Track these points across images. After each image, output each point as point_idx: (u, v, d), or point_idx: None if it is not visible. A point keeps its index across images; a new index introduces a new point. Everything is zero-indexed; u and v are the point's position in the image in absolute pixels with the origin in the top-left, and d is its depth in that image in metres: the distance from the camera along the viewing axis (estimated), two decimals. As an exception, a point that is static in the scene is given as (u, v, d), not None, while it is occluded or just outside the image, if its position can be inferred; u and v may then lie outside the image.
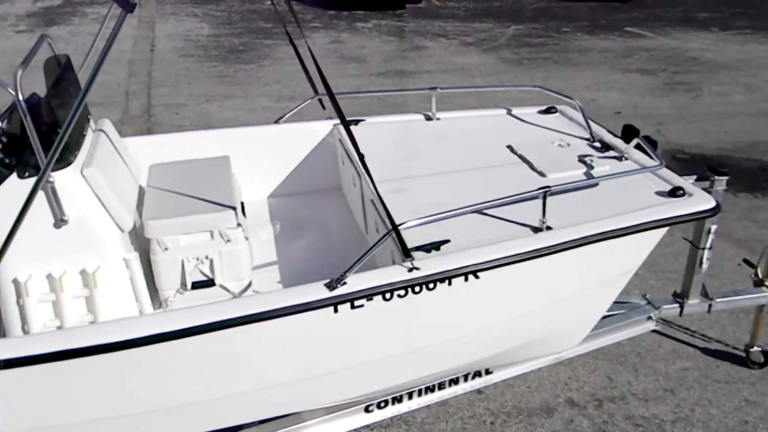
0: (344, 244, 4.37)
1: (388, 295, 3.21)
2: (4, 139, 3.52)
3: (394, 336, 3.40)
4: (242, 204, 4.02)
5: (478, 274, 3.28)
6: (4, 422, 3.12)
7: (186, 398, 3.29)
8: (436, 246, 3.38)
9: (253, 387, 3.35)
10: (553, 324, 3.79)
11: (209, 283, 3.78)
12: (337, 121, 4.87)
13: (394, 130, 4.73)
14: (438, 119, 4.87)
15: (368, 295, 3.18)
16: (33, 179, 3.39)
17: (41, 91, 3.74)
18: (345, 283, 3.16)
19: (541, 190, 3.44)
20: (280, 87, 9.83)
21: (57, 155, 3.00)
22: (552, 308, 3.67)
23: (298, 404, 3.63)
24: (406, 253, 3.22)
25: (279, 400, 3.52)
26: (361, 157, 3.19)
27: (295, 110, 4.96)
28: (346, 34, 12.43)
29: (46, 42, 3.74)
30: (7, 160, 3.47)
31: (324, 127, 4.91)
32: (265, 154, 4.83)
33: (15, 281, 3.46)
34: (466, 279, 3.28)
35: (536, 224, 3.50)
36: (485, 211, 3.60)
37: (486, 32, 12.83)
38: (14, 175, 3.39)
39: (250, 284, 3.88)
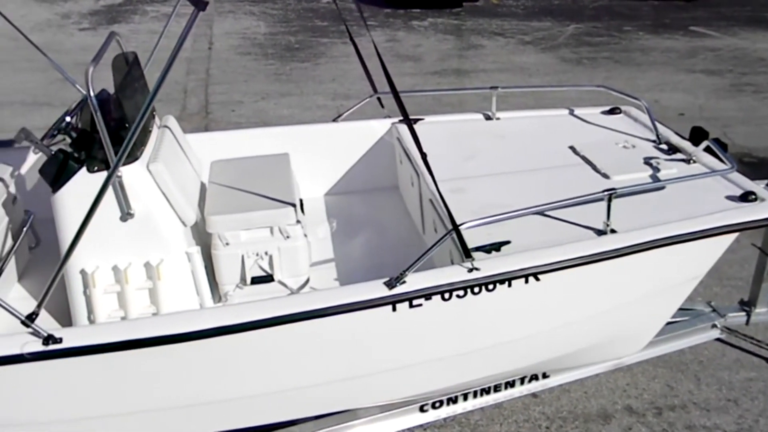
0: (400, 243, 4.37)
1: (447, 295, 3.19)
2: (74, 134, 3.60)
3: (451, 336, 3.38)
4: (301, 201, 4.05)
5: (539, 276, 3.24)
6: (68, 407, 3.20)
7: (244, 391, 3.33)
8: (496, 247, 3.35)
9: (310, 383, 3.37)
10: (614, 329, 3.72)
11: (268, 278, 3.82)
12: (396, 119, 4.87)
13: (453, 129, 4.71)
14: (498, 119, 4.83)
15: (427, 294, 3.17)
16: (102, 173, 3.47)
17: (104, 86, 3.82)
18: (404, 282, 3.15)
19: (606, 192, 3.38)
20: (335, 85, 9.87)
21: (126, 152, 3.06)
22: (614, 313, 3.60)
23: (354, 401, 3.64)
24: (467, 253, 3.19)
25: (334, 396, 3.53)
26: (424, 156, 3.18)
27: (354, 108, 4.97)
28: (402, 33, 12.42)
29: (114, 39, 3.82)
30: (76, 155, 3.56)
31: (382, 126, 4.91)
32: (323, 152, 4.86)
33: (83, 272, 3.54)
34: (527, 281, 3.24)
35: (600, 227, 3.44)
36: (547, 213, 3.55)
37: (544, 31, 12.67)
38: (84, 170, 3.48)
39: (307, 281, 3.90)
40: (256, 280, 3.81)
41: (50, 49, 4.73)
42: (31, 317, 2.97)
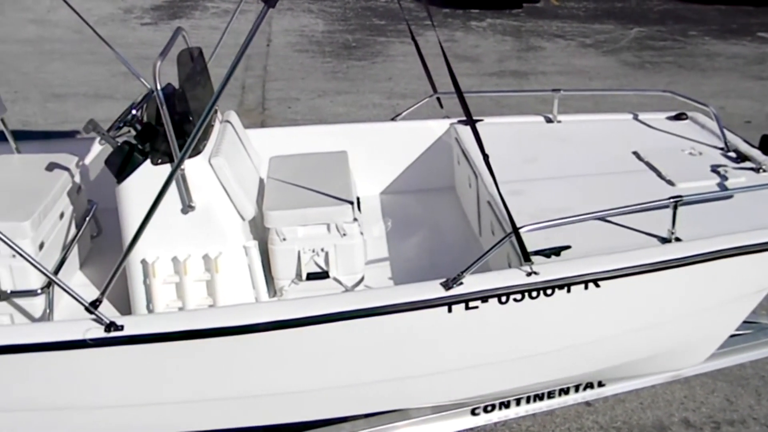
0: (456, 244, 4.34)
1: (504, 299, 3.16)
2: (139, 127, 3.67)
3: (506, 340, 3.34)
4: (358, 199, 4.05)
5: (600, 282, 3.18)
6: (124, 393, 3.26)
7: (297, 386, 3.34)
8: (556, 251, 3.30)
9: (362, 380, 3.37)
10: (675, 340, 3.63)
11: (323, 275, 3.83)
12: (454, 120, 4.85)
13: (513, 131, 4.66)
14: (559, 122, 4.76)
15: (484, 297, 3.14)
16: (165, 166, 3.53)
17: (165, 80, 3.87)
18: (461, 283, 3.13)
19: (671, 200, 3.30)
20: (391, 84, 9.88)
21: (192, 146, 3.11)
22: (675, 324, 3.51)
23: (405, 401, 3.63)
24: (526, 256, 3.15)
25: (386, 395, 3.53)
26: (486, 157, 3.15)
27: (413, 108, 4.96)
28: (460, 33, 12.36)
29: (181, 35, 3.88)
30: (141, 147, 3.63)
31: (440, 126, 4.88)
32: (380, 151, 4.86)
33: (143, 262, 3.61)
34: (586, 287, 3.19)
35: (664, 235, 3.36)
36: (609, 219, 3.49)
37: (606, 33, 12.46)
38: (148, 162, 3.54)
39: (362, 279, 3.90)
40: (311, 276, 3.83)
41: (113, 43, 4.83)
42: (95, 304, 3.03)
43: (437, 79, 4.92)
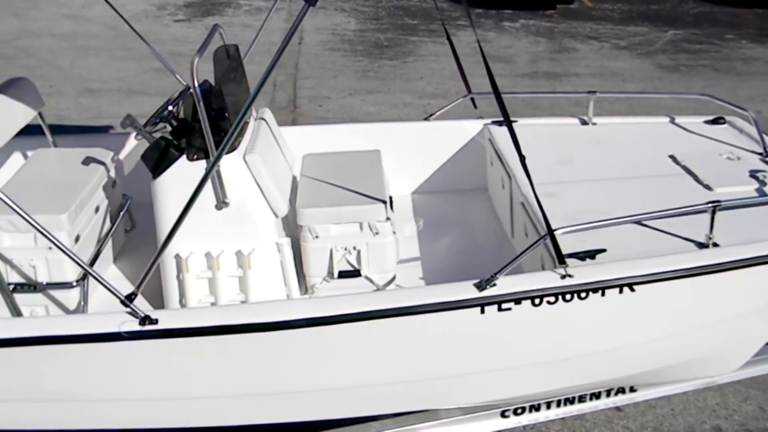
0: (488, 245, 4.32)
1: (537, 301, 3.14)
2: (175, 123, 3.70)
3: (539, 343, 3.32)
4: (390, 198, 4.05)
5: (635, 287, 3.15)
6: (156, 387, 3.29)
7: (326, 383, 3.35)
8: (591, 254, 3.27)
9: (392, 379, 3.37)
10: (710, 347, 3.58)
11: (355, 273, 3.84)
12: (488, 120, 4.83)
13: (547, 132, 4.62)
14: (594, 124, 4.72)
15: (517, 298, 3.12)
16: (200, 162, 3.56)
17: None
18: (495, 284, 3.12)
19: (710, 204, 3.26)
20: (423, 84, 9.85)
21: (229, 143, 3.13)
22: (711, 331, 3.46)
23: (435, 401, 3.62)
24: (561, 259, 3.13)
25: (415, 395, 3.52)
26: (522, 158, 3.13)
27: (447, 108, 4.95)
28: (493, 33, 12.28)
29: (218, 32, 3.91)
30: (176, 143, 3.66)
31: (474, 127, 4.87)
32: (413, 150, 4.85)
33: (177, 256, 3.64)
34: (621, 291, 3.16)
35: (701, 240, 3.31)
36: (645, 223, 3.45)
37: (641, 36, 12.31)
38: (184, 157, 3.58)
39: (394, 278, 3.90)
40: (343, 275, 3.83)
41: (146, 40, 4.87)
42: (130, 297, 3.06)
43: (468, 80, 4.91)
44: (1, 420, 3.37)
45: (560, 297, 3.13)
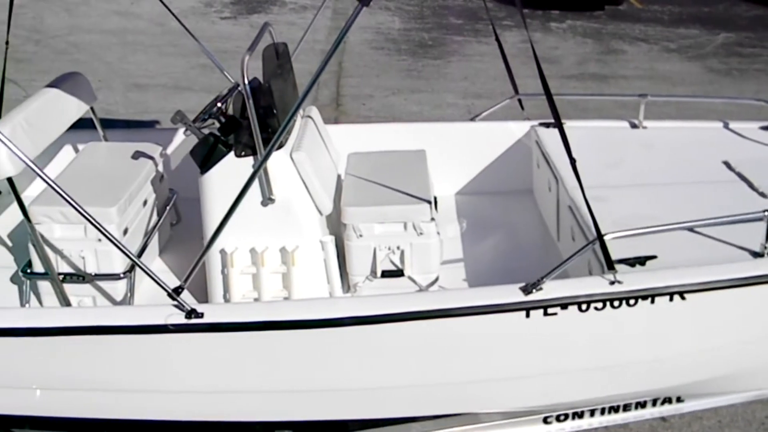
0: (532, 248, 4.27)
1: (584, 307, 3.09)
2: (223, 119, 3.73)
3: (584, 349, 3.28)
4: (435, 199, 4.03)
5: (686, 295, 3.08)
6: (198, 380, 3.31)
7: (368, 383, 3.35)
8: (641, 261, 3.21)
9: (434, 381, 3.36)
10: (761, 359, 3.49)
11: (398, 273, 3.83)
12: (535, 122, 4.78)
13: (596, 135, 4.55)
14: (644, 128, 4.63)
15: (564, 303, 3.08)
16: (248, 159, 3.58)
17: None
18: (541, 288, 3.08)
19: (765, 212, 3.17)
20: (466, 84, 9.79)
21: (279, 140, 3.14)
22: (763, 342, 3.37)
23: (476, 405, 3.58)
24: (610, 264, 3.07)
25: (457, 397, 3.50)
26: (573, 162, 3.08)
27: (494, 108, 4.92)
28: (539, 34, 12.15)
29: (267, 30, 3.93)
30: (225, 139, 3.69)
31: (520, 128, 4.82)
32: (458, 151, 4.82)
33: (222, 252, 3.66)
34: (671, 299, 3.09)
35: (756, 249, 3.23)
36: (697, 230, 3.37)
37: (691, 39, 12.07)
38: (231, 154, 3.60)
39: (437, 279, 3.88)
40: (386, 274, 3.83)
41: (194, 36, 4.91)
42: (177, 291, 3.09)
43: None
44: (46, 407, 3.43)
45: (608, 303, 3.08)
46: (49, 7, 12.87)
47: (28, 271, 3.79)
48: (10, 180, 3.46)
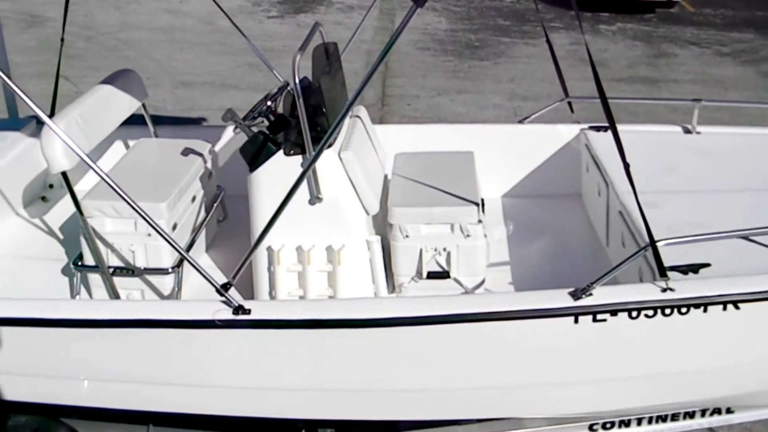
0: (580, 253, 4.21)
1: (635, 314, 3.04)
2: (272, 118, 3.75)
3: (634, 356, 3.22)
4: (482, 201, 4.00)
5: (740, 305, 3.01)
6: (241, 376, 3.33)
7: (412, 384, 3.33)
8: (694, 268, 3.14)
9: (478, 384, 3.33)
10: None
11: (444, 274, 3.80)
12: (585, 125, 4.71)
13: (647, 140, 4.46)
14: (698, 133, 4.54)
15: (614, 310, 3.03)
16: (296, 157, 3.59)
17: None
18: (591, 294, 3.03)
19: None
20: (513, 86, 9.73)
21: (329, 140, 3.15)
22: (820, 354, 3.27)
23: (521, 410, 3.54)
24: (662, 271, 3.01)
25: (502, 402, 3.46)
26: (627, 166, 3.03)
27: (543, 111, 4.86)
28: (588, 36, 11.98)
29: (318, 30, 3.94)
30: (273, 137, 3.71)
31: (569, 131, 4.76)
32: (505, 153, 4.78)
33: (269, 249, 3.68)
34: (725, 308, 3.02)
35: None
36: (753, 238, 3.29)
37: (745, 43, 11.81)
38: (281, 152, 3.62)
39: (483, 281, 3.85)
40: (431, 275, 3.81)
41: (240, 34, 4.95)
42: (225, 287, 3.12)
43: (558, 84, 4.81)
44: (93, 397, 3.49)
45: (659, 311, 3.03)
46: (100, 5, 13.13)
47: (79, 263, 3.85)
48: (64, 174, 3.52)
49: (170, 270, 3.81)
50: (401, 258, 3.82)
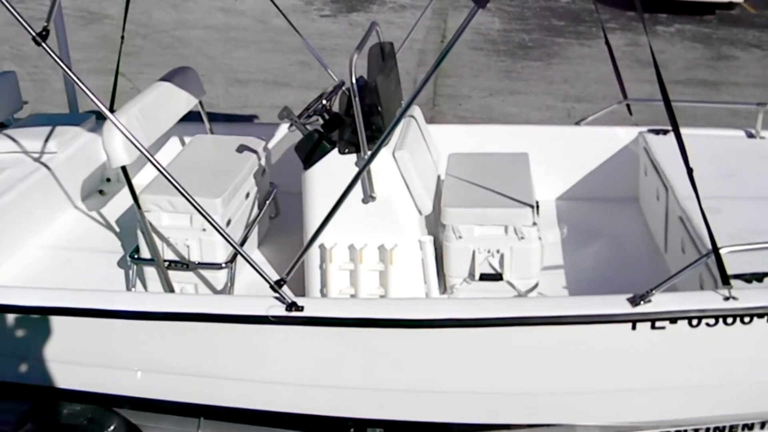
0: (636, 258, 4.13)
1: (695, 322, 2.96)
2: (327, 116, 3.75)
3: (692, 365, 3.14)
4: (537, 203, 3.94)
5: (806, 316, 2.90)
6: (291, 370, 3.34)
7: (463, 386, 3.31)
8: (758, 277, 3.05)
9: (530, 389, 3.29)
10: None
11: (497, 277, 3.76)
12: (643, 128, 4.62)
13: (709, 144, 4.35)
14: (762, 138, 4.40)
15: (674, 317, 2.96)
16: (351, 156, 3.59)
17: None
18: (650, 300, 2.97)
19: None
20: (567, 87, 9.59)
21: (385, 139, 3.14)
22: None
23: (573, 416, 3.48)
24: (725, 279, 2.93)
25: (554, 408, 3.41)
26: (690, 171, 2.95)
27: (600, 113, 4.79)
28: (645, 38, 11.81)
29: (375, 30, 3.93)
30: (328, 135, 3.71)
31: (627, 134, 4.67)
32: (560, 155, 4.71)
33: (321, 247, 3.69)
34: None
35: None
36: None
37: (811, 45, 11.49)
38: (335, 151, 3.62)
39: (536, 285, 3.80)
40: (484, 277, 3.77)
41: (292, 33, 4.96)
42: (279, 283, 3.13)
43: (614, 86, 4.71)
44: (146, 388, 3.54)
45: (721, 320, 2.95)
46: (157, 3, 13.35)
47: (136, 256, 3.91)
48: (123, 168, 3.58)
49: (224, 265, 3.85)
50: (453, 259, 3.79)
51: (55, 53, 3.28)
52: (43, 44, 3.20)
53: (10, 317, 3.38)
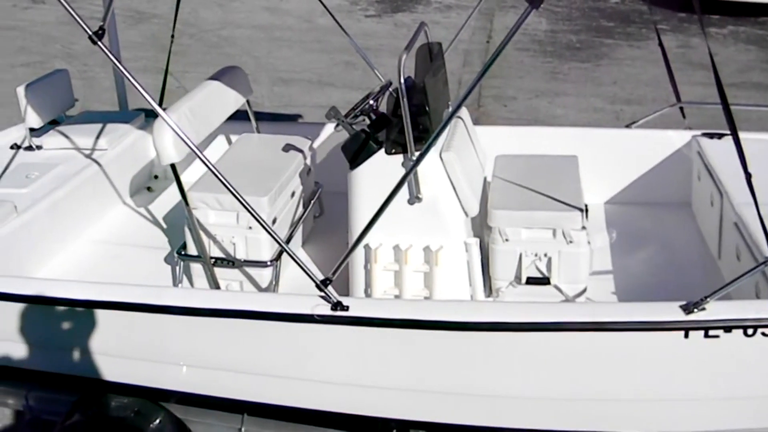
0: (688, 265, 4.03)
1: (750, 331, 2.88)
2: (374, 117, 3.74)
3: (746, 376, 3.06)
4: (586, 206, 3.87)
5: None
6: (336, 369, 3.33)
7: (505, 390, 3.27)
8: None
9: (576, 396, 3.24)
10: None
11: (544, 280, 3.71)
12: (697, 132, 4.51)
13: (764, 149, 4.22)
14: None
15: (728, 326, 2.88)
16: (398, 156, 3.57)
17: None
18: (704, 308, 2.89)
19: None
20: (615, 89, 9.44)
21: (434, 141, 3.12)
22: None
23: (621, 425, 3.41)
24: (784, 288, 2.84)
25: (599, 415, 3.35)
26: (749, 176, 2.87)
27: (652, 116, 4.70)
28: (697, 39, 11.51)
29: (423, 30, 3.91)
30: (375, 136, 3.70)
31: (680, 138, 4.56)
32: (610, 158, 4.63)
33: (366, 247, 3.67)
34: None
35: None
36: None
37: None
38: (382, 151, 3.60)
39: (585, 290, 3.73)
40: (531, 281, 3.72)
41: (337, 33, 4.95)
42: (325, 282, 3.12)
43: (664, 88, 4.60)
44: (191, 383, 3.57)
45: None
46: (204, 3, 13.51)
47: (183, 252, 3.95)
48: (173, 166, 3.61)
49: (269, 263, 3.86)
50: (500, 262, 3.74)
51: (111, 52, 3.33)
52: (99, 43, 3.24)
53: (62, 310, 3.44)
